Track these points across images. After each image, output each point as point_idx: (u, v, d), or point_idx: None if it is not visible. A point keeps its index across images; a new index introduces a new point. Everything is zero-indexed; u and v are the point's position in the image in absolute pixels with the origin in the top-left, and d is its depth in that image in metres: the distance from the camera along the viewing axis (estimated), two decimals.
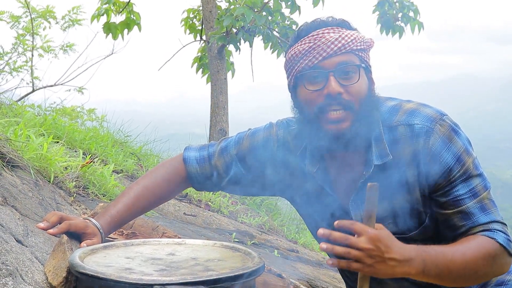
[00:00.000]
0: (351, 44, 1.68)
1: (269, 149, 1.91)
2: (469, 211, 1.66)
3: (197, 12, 7.08)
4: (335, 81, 1.65)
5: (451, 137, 1.68)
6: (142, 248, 1.72)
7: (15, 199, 1.97)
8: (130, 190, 1.98)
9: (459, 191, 1.67)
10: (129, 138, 5.50)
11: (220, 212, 4.51)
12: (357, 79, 1.67)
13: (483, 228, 1.65)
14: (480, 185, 1.68)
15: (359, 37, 1.71)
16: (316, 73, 1.68)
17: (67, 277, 1.43)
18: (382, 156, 1.71)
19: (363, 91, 1.70)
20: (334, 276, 3.57)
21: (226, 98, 6.53)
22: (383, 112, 1.76)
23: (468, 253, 1.59)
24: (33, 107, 5.50)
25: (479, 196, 1.67)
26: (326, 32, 1.69)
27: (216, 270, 1.47)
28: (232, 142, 2.00)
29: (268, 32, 5.79)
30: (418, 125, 1.68)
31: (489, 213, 1.67)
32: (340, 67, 1.66)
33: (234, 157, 1.96)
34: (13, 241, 1.57)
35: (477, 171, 1.69)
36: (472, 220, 1.66)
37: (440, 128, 1.67)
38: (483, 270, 1.62)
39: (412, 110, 1.73)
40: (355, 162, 1.76)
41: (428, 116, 1.70)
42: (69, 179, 2.81)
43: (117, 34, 6.09)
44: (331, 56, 1.67)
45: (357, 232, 1.49)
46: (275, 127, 1.95)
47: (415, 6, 6.46)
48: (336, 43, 1.67)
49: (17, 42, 6.06)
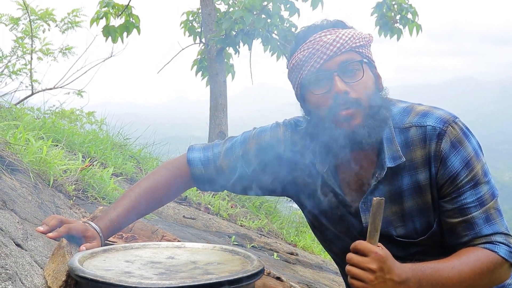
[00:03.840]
0: (349, 42, 1.68)
1: (277, 149, 1.90)
2: (473, 221, 1.66)
3: (196, 15, 7.09)
4: (340, 81, 1.65)
5: (462, 141, 1.67)
6: (142, 251, 1.71)
7: (14, 203, 1.97)
8: (131, 193, 1.95)
9: (466, 199, 1.66)
10: (128, 141, 5.49)
11: (219, 215, 4.51)
12: (361, 75, 1.67)
13: (485, 240, 1.65)
14: (488, 193, 1.67)
15: (356, 34, 1.71)
16: (320, 76, 1.68)
17: (66, 281, 1.42)
18: (395, 158, 1.70)
19: (369, 86, 1.69)
20: (333, 279, 3.56)
21: (226, 100, 6.54)
22: (394, 113, 1.75)
23: (465, 269, 1.60)
24: (32, 110, 5.50)
25: (485, 206, 1.66)
26: (323, 35, 1.70)
27: (216, 274, 1.47)
28: (238, 142, 1.97)
29: (267, 34, 5.80)
30: (430, 127, 1.68)
31: (493, 224, 1.66)
32: (343, 66, 1.67)
33: (240, 158, 1.94)
34: (13, 245, 1.57)
35: (486, 178, 1.68)
36: (475, 231, 1.66)
37: (452, 130, 1.67)
38: (480, 283, 1.64)
39: (424, 112, 1.72)
40: (366, 163, 1.76)
41: (441, 118, 1.69)
42: (68, 182, 2.81)
43: (116, 37, 6.10)
44: (332, 58, 1.67)
45: (362, 252, 1.52)
46: (282, 127, 1.94)
47: (414, 8, 6.48)
48: (335, 44, 1.67)
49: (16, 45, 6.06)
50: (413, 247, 1.77)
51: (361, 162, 1.76)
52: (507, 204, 38.83)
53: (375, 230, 1.51)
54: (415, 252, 1.77)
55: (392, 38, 6.57)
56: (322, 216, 1.89)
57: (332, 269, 3.98)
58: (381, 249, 1.52)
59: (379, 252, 1.50)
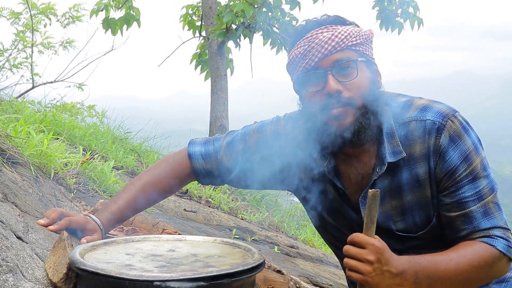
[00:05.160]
0: (345, 40, 1.66)
1: (278, 142, 1.89)
2: (472, 215, 1.66)
3: (196, 8, 7.07)
4: (333, 80, 1.64)
5: (461, 135, 1.66)
6: (143, 244, 1.72)
7: (15, 196, 1.97)
8: (132, 186, 1.96)
9: (465, 193, 1.66)
10: (129, 134, 5.50)
11: (220, 208, 4.51)
12: (355, 74, 1.66)
13: (483, 234, 1.65)
14: (487, 188, 1.67)
15: (354, 32, 1.69)
16: (315, 74, 1.68)
17: (67, 274, 1.43)
18: (395, 153, 1.70)
19: (364, 85, 1.68)
20: (334, 273, 3.57)
21: (226, 94, 6.53)
22: (394, 108, 1.75)
23: (463, 262, 1.61)
24: (33, 103, 5.50)
25: (484, 200, 1.66)
26: (319, 32, 1.68)
27: (216, 267, 1.47)
28: (239, 136, 1.98)
29: (268, 28, 5.79)
30: (430, 121, 1.68)
31: (491, 218, 1.66)
32: (337, 65, 1.66)
33: (241, 152, 1.94)
34: (14, 238, 1.57)
35: (485, 172, 1.68)
36: (473, 225, 1.66)
37: (451, 124, 1.66)
38: (477, 277, 1.64)
39: (424, 106, 1.72)
40: (366, 157, 1.76)
41: (440, 112, 1.69)
42: (69, 175, 2.81)
43: (116, 30, 6.09)
44: (326, 56, 1.66)
45: (360, 244, 1.52)
46: (283, 120, 1.94)
47: (415, 2, 6.46)
48: (330, 42, 1.66)
49: (17, 39, 6.05)
50: (412, 240, 1.77)
51: (361, 157, 1.76)
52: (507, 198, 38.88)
53: (371, 222, 1.51)
54: (414, 245, 1.77)
55: (393, 32, 6.56)
56: (322, 210, 1.89)
57: (333, 262, 3.99)
58: (378, 241, 1.52)
59: (377, 244, 1.51)
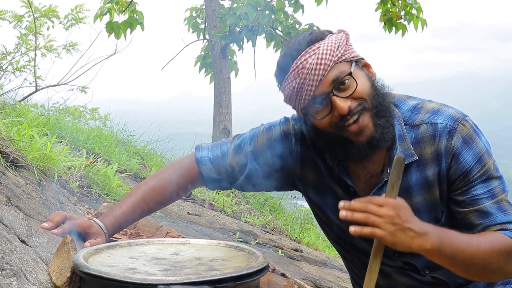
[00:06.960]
0: (330, 58, 1.65)
1: (287, 143, 1.90)
2: (486, 210, 1.66)
3: (200, 11, 7.09)
4: (339, 100, 1.64)
5: (473, 138, 1.69)
6: (146, 248, 1.71)
7: (19, 199, 1.97)
8: (137, 191, 1.95)
9: (477, 191, 1.67)
10: (132, 137, 5.50)
11: (223, 211, 4.51)
12: (355, 84, 1.66)
13: (501, 228, 1.65)
14: (499, 187, 1.69)
15: (334, 44, 1.67)
16: (318, 102, 1.67)
17: (71, 277, 1.42)
18: (406, 156, 1.71)
19: (367, 88, 1.69)
20: (338, 276, 3.56)
21: (230, 97, 6.54)
22: (404, 110, 1.77)
23: (483, 243, 1.59)
24: (36, 107, 5.50)
25: (497, 198, 1.67)
26: (303, 60, 1.65)
27: (220, 270, 1.46)
28: (247, 139, 1.97)
29: (271, 30, 5.79)
30: (441, 124, 1.70)
31: (507, 214, 1.66)
32: (335, 84, 1.65)
33: (249, 154, 1.93)
34: (17, 241, 1.57)
35: (497, 173, 1.71)
36: (489, 219, 1.66)
37: (462, 127, 1.69)
38: (496, 264, 1.61)
39: (435, 109, 1.74)
40: (376, 156, 1.76)
41: (451, 116, 1.71)
42: (72, 178, 2.81)
43: (120, 34, 6.09)
44: (321, 81, 1.65)
45: (378, 203, 1.48)
46: (291, 121, 1.93)
47: (418, 4, 6.45)
48: (318, 67, 1.64)
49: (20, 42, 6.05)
50: None
51: (371, 155, 1.76)
52: None
53: (392, 187, 1.49)
54: None
55: (397, 35, 6.55)
56: (330, 210, 1.88)
57: (337, 266, 3.98)
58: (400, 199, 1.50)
59: (392, 201, 1.47)
